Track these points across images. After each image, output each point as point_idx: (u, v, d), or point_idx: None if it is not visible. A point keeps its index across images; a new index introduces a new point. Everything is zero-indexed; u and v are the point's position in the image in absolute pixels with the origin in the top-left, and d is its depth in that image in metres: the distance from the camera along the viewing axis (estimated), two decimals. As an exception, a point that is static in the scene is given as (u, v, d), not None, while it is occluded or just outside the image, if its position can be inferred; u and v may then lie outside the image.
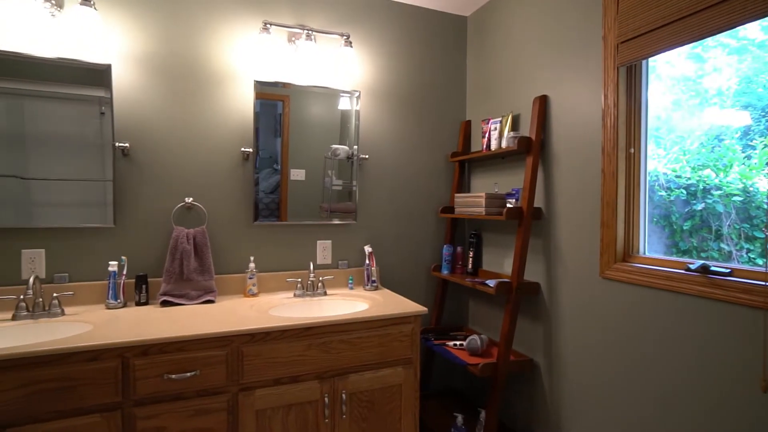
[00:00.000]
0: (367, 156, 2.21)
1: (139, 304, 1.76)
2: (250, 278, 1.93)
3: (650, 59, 1.51)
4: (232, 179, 1.98)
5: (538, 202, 1.92)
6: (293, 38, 2.05)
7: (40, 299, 1.61)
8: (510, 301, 1.84)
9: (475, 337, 1.97)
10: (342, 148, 2.15)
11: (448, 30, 2.41)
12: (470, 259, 2.27)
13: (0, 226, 1.64)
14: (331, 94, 2.11)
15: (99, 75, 1.74)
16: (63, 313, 1.62)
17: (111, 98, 1.75)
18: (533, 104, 1.88)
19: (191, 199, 1.91)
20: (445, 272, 2.29)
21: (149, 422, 1.39)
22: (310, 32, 1.98)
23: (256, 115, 1.98)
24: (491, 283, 1.89)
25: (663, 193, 1.51)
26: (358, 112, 2.16)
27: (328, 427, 1.62)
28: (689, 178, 1.44)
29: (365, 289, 2.11)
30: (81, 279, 1.77)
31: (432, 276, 2.41)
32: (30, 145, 1.67)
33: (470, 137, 2.42)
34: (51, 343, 1.31)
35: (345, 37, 2.04)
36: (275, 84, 2.01)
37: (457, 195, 2.22)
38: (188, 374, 1.42)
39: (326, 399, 1.60)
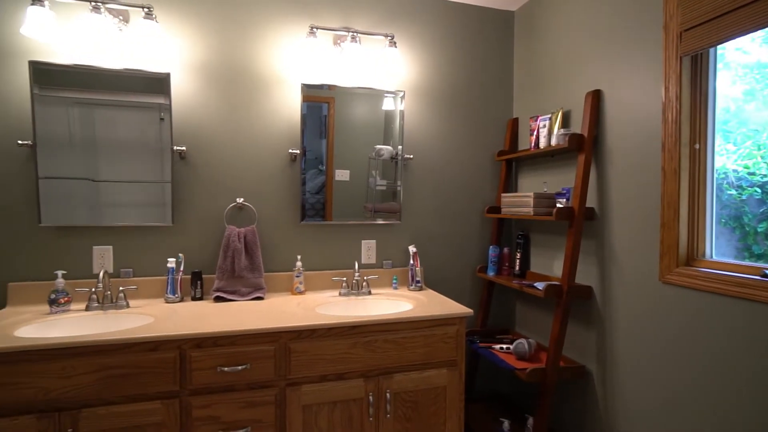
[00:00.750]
0: (411, 156, 2.21)
1: (194, 299, 1.86)
2: (297, 276, 1.98)
3: (718, 47, 1.39)
4: (280, 180, 2.05)
5: (591, 201, 1.83)
6: (339, 41, 2.08)
7: (109, 292, 1.74)
8: (560, 305, 1.77)
9: (522, 341, 1.91)
10: (386, 149, 2.16)
11: (495, 26, 2.35)
12: (517, 260, 2.21)
13: (76, 224, 1.79)
14: (375, 95, 2.12)
15: (159, 83, 1.85)
16: (128, 306, 1.75)
17: (170, 105, 1.86)
18: (585, 100, 1.80)
19: (242, 199, 1.99)
20: (491, 274, 2.24)
21: (204, 411, 1.46)
22: (355, 34, 2.00)
23: (303, 117, 2.03)
24: (540, 285, 1.82)
25: (733, 191, 1.39)
26: (402, 112, 2.16)
27: (372, 425, 1.63)
28: (765, 176, 1.32)
29: (409, 289, 2.11)
30: (143, 274, 1.89)
31: (477, 277, 2.36)
32: (100, 149, 1.80)
33: (517, 135, 2.35)
34: (118, 333, 1.41)
35: (389, 38, 2.05)
36: (321, 86, 2.05)
37: (503, 195, 2.16)
38: (239, 367, 1.47)
39: (371, 397, 1.61)
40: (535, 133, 2.04)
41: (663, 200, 1.49)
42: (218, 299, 1.85)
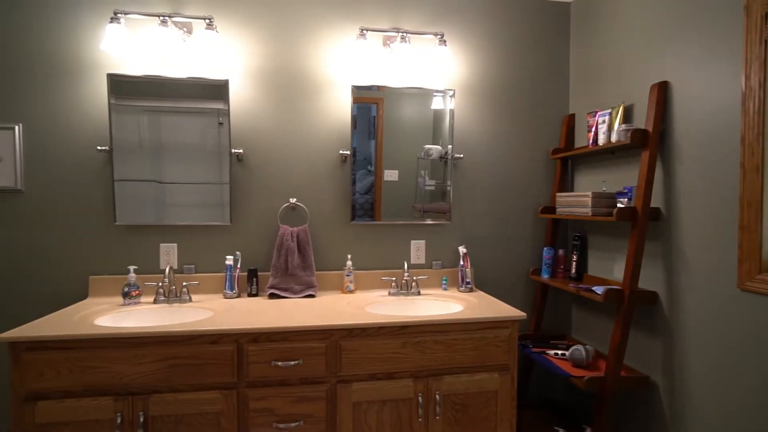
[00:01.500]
0: (461, 155, 2.17)
1: (250, 295, 1.94)
2: (347, 275, 2.01)
3: (810, 29, 1.25)
4: (331, 181, 2.09)
5: (656, 201, 1.71)
6: (388, 41, 2.09)
7: (174, 287, 1.85)
8: (621, 311, 1.66)
9: (579, 347, 1.82)
10: (435, 148, 2.14)
11: (549, 19, 2.26)
12: (573, 263, 2.11)
13: (145, 223, 1.93)
14: (424, 94, 2.11)
15: (218, 90, 1.95)
16: (190, 300, 1.86)
17: (228, 110, 1.96)
18: (650, 92, 1.68)
19: (295, 199, 2.05)
20: (545, 276, 2.16)
21: (259, 403, 1.52)
22: (404, 34, 2.00)
23: (353, 118, 2.06)
24: (599, 290, 1.73)
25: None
26: (452, 111, 2.13)
27: (421, 426, 1.62)
28: None
29: (459, 291, 2.08)
30: (204, 270, 2.00)
31: (530, 280, 2.28)
32: (165, 153, 1.93)
33: (574, 132, 2.24)
34: (182, 325, 1.50)
35: (439, 37, 2.03)
36: (370, 87, 2.07)
37: (559, 194, 2.07)
38: (292, 363, 1.52)
39: (420, 398, 1.61)
40: (593, 129, 1.94)
41: (742, 200, 1.36)
42: (272, 296, 1.92)
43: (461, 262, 2.08)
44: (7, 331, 1.43)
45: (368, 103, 2.08)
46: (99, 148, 1.88)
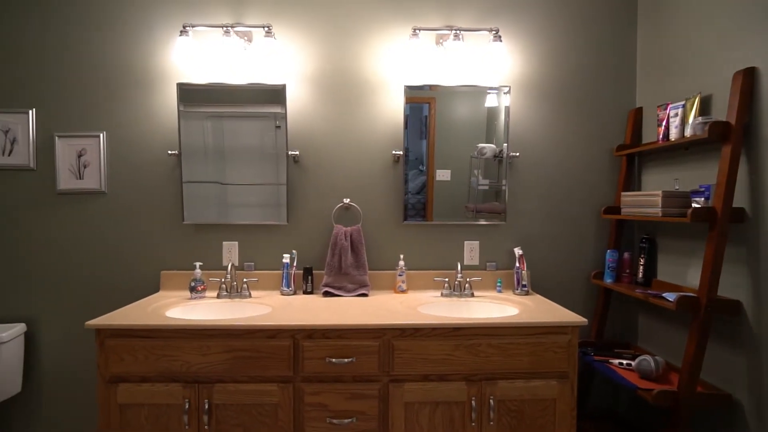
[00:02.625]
0: (517, 154, 2.10)
1: (305, 292, 2.01)
2: (400, 275, 2.01)
3: None
4: (383, 181, 2.11)
5: (739, 201, 1.55)
6: (441, 40, 2.07)
7: (235, 283, 1.96)
8: (697, 321, 1.53)
9: (647, 357, 1.69)
10: (489, 147, 2.09)
11: (612, 8, 2.13)
12: (641, 267, 1.97)
13: (209, 222, 2.05)
14: (477, 92, 2.07)
15: (276, 94, 2.03)
16: (250, 296, 1.95)
17: (285, 113, 2.03)
18: (733, 80, 1.53)
19: (348, 199, 2.09)
20: (608, 280, 2.03)
21: (314, 398, 1.56)
22: (458, 32, 1.97)
23: (406, 118, 2.06)
24: (671, 296, 1.60)
25: None
26: (507, 108, 2.07)
27: (475, 430, 1.58)
28: None
29: (515, 293, 2.01)
30: (262, 268, 2.09)
31: (592, 284, 2.16)
32: (227, 156, 2.04)
33: (641, 127, 2.09)
34: (243, 320, 1.58)
35: (494, 32, 1.98)
36: (422, 87, 2.06)
37: (624, 194, 1.95)
38: (346, 360, 1.55)
39: (473, 402, 1.57)
40: (664, 123, 1.80)
41: None
42: (326, 294, 1.97)
43: (517, 264, 2.01)
44: (93, 318, 1.57)
45: (420, 103, 2.07)
46: (169, 152, 2.02)
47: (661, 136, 1.81)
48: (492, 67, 2.10)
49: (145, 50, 2.05)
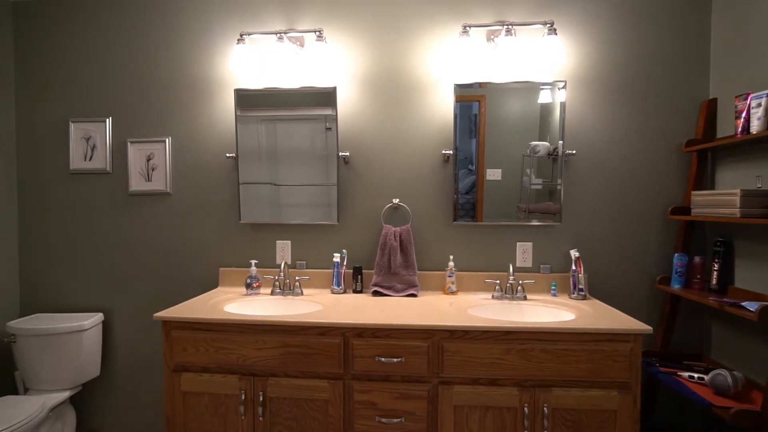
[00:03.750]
0: (573, 151, 2.00)
1: (355, 291, 2.03)
2: (450, 276, 1.99)
3: None
4: (432, 181, 2.09)
5: (836, 200, 1.38)
6: (492, 36, 2.02)
7: (288, 281, 2.02)
8: (783, 333, 1.38)
9: (723, 372, 1.55)
10: (542, 145, 2.01)
11: (683, -9, 1.97)
12: (714, 272, 1.80)
13: (263, 222, 2.14)
14: (530, 89, 1.99)
15: (327, 96, 2.07)
16: (302, 294, 2.01)
17: (336, 115, 2.07)
18: (828, 65, 1.36)
19: (397, 200, 2.10)
20: (676, 286, 1.88)
21: (363, 396, 1.58)
22: (510, 27, 1.91)
23: (455, 117, 2.03)
24: (751, 306, 1.46)
25: None
26: (563, 104, 1.98)
27: (527, 439, 1.53)
28: None
29: (571, 298, 1.92)
30: (314, 266, 2.15)
31: (657, 290, 2.02)
32: (279, 158, 2.11)
33: (715, 120, 1.92)
34: (296, 316, 1.63)
35: (548, 25, 1.90)
36: (471, 85, 2.02)
37: (695, 192, 1.80)
38: (395, 360, 1.55)
39: (526, 408, 1.52)
40: (743, 115, 1.64)
41: None
42: (376, 293, 1.99)
43: (573, 267, 1.92)
44: (160, 311, 1.69)
45: (470, 101, 2.03)
46: (227, 155, 2.13)
47: (739, 130, 1.65)
48: (546, 62, 2.01)
49: (205, 59, 2.17)
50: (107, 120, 2.24)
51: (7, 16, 2.27)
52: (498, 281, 1.96)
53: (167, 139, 2.20)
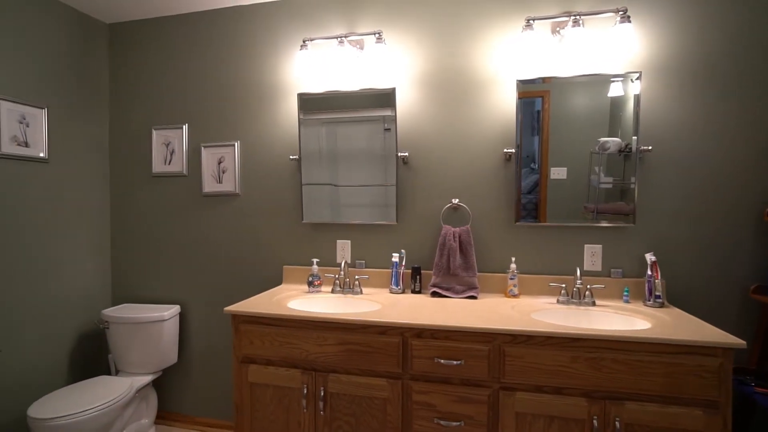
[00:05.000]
0: (649, 147, 1.85)
1: (413, 292, 2.03)
2: (511, 279, 1.92)
3: None
4: (493, 180, 2.03)
5: None
6: (557, 28, 1.92)
7: (347, 279, 2.07)
8: None
9: (833, 395, 1.36)
10: (612, 141, 1.88)
11: (782, -35, 1.76)
12: (822, 281, 1.59)
13: (324, 221, 2.20)
14: (599, 81, 1.88)
15: (386, 97, 2.09)
16: (361, 293, 2.04)
17: (395, 116, 2.08)
18: None
19: (457, 200, 2.06)
20: (773, 296, 1.68)
21: (422, 397, 1.57)
22: (577, 17, 1.81)
23: (518, 114, 1.96)
24: None
25: None
26: (637, 97, 1.84)
27: (597, 454, 1.44)
28: None
29: (646, 305, 1.78)
30: (373, 266, 2.18)
31: (751, 299, 1.81)
32: (339, 159, 2.16)
33: (823, 108, 1.69)
34: (356, 315, 1.66)
35: (621, 13, 1.77)
36: (534, 81, 1.94)
37: (797, 191, 1.59)
38: (454, 362, 1.53)
39: (595, 421, 1.43)
40: None
41: None
42: (434, 294, 1.97)
43: (649, 272, 1.78)
44: (230, 305, 1.80)
45: (532, 98, 1.95)
46: (291, 157, 2.22)
47: None
48: (617, 52, 1.88)
49: (271, 66, 2.28)
50: (184, 126, 2.42)
51: (104, 36, 2.53)
52: (564, 285, 1.87)
53: (236, 143, 2.34)
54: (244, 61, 2.32)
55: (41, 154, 2.19)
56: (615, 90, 1.87)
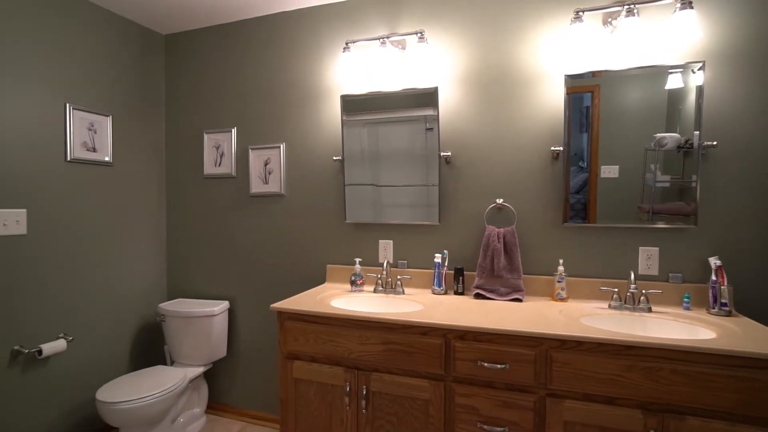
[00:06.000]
0: (714, 143, 1.72)
1: (456, 293, 2.00)
2: (559, 281, 1.85)
3: None
4: (539, 180, 1.97)
5: None
6: (609, 19, 1.83)
7: (390, 279, 2.07)
8: None
9: None
10: (670, 137, 1.76)
11: None
12: None
13: (366, 221, 2.22)
14: (654, 74, 1.76)
15: (428, 97, 2.08)
16: (403, 293, 2.04)
17: (437, 115, 2.06)
18: None
19: (501, 200, 2.02)
20: None
21: (465, 400, 1.55)
22: (631, 6, 1.72)
23: (566, 111, 1.89)
24: None
25: None
26: (699, 89, 1.72)
27: (654, 469, 1.36)
28: None
29: (710, 313, 1.65)
30: (415, 266, 2.17)
31: (830, 309, 1.64)
32: (380, 160, 2.17)
33: None
34: (399, 315, 1.66)
35: (681, -1, 1.66)
36: (583, 75, 1.85)
37: None
38: (498, 366, 1.49)
39: (652, 435, 1.35)
40: None
41: None
42: (478, 296, 1.93)
43: (713, 277, 1.65)
44: (276, 302, 1.86)
45: (580, 93, 1.87)
46: (334, 158, 2.26)
47: None
48: (676, 42, 1.76)
49: (315, 69, 2.33)
50: (233, 130, 2.53)
51: (161, 46, 2.70)
52: (616, 289, 1.77)
53: (281, 145, 2.41)
54: (289, 64, 2.39)
55: (106, 158, 2.36)
56: (673, 82, 1.75)
